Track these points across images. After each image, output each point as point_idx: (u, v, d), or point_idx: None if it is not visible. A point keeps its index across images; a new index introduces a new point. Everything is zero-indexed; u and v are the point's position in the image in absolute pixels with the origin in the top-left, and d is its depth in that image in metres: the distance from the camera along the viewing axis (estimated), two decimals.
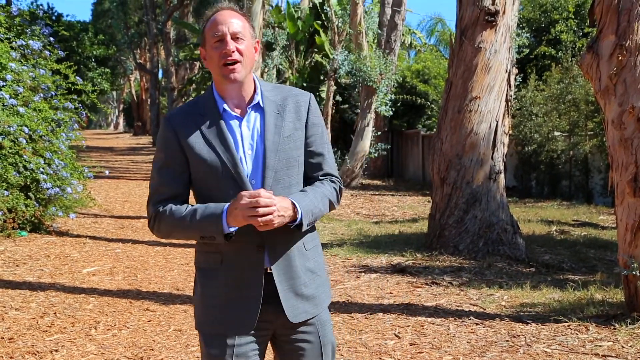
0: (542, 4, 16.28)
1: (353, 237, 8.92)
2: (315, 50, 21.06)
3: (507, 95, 7.82)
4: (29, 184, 7.91)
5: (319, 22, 20.53)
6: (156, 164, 2.17)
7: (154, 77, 34.83)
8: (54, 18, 25.89)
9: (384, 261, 7.25)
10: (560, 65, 14.45)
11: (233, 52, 2.07)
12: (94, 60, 28.44)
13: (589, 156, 13.65)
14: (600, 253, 7.80)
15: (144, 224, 9.54)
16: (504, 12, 7.62)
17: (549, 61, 15.22)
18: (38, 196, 8.06)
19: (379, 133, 16.73)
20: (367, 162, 16.52)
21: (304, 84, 20.52)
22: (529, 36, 14.26)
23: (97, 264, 6.92)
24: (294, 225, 2.07)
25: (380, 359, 4.18)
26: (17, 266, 6.63)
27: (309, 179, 2.21)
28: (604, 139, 9.10)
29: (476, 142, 7.58)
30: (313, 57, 21.04)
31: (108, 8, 39.87)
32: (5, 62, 8.31)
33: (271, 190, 2.04)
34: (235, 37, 2.08)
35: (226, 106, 2.14)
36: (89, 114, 10.92)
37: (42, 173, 7.96)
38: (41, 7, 17.80)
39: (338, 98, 20.24)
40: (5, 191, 7.45)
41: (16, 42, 9.03)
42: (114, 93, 57.21)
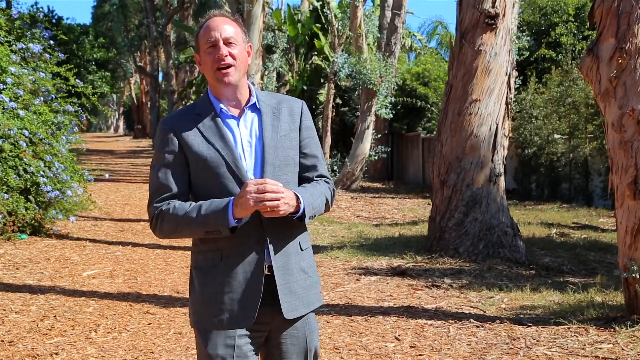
0: (542, 7, 16.28)
1: (353, 240, 8.92)
2: (315, 53, 21.09)
3: (507, 97, 7.82)
4: (29, 187, 7.90)
5: (319, 25, 20.56)
6: (155, 165, 2.19)
7: (154, 80, 34.87)
8: (54, 21, 25.94)
9: (384, 264, 7.25)
10: (560, 68, 14.44)
11: (226, 56, 2.13)
12: (94, 63, 28.49)
13: (589, 159, 13.65)
14: (600, 255, 7.80)
15: (144, 226, 9.54)
16: (504, 15, 7.63)
17: (549, 64, 15.21)
18: (38, 199, 8.06)
19: (379, 136, 16.73)
20: (367, 164, 16.52)
21: (304, 87, 20.55)
22: (529, 39, 14.24)
23: (97, 267, 6.92)
24: (296, 216, 2.11)
25: None
26: (17, 269, 6.63)
27: (304, 180, 2.26)
28: (603, 141, 9.10)
29: (476, 145, 7.58)
30: (313, 60, 21.07)
31: (108, 11, 39.95)
32: (6, 65, 8.31)
33: None
34: (228, 42, 2.14)
35: (223, 106, 2.19)
36: (89, 117, 10.93)
37: (42, 176, 7.96)
38: (41, 10, 17.76)
39: (338, 101, 20.27)
40: (6, 194, 7.45)
41: (16, 45, 9.04)
42: (114, 96, 57.21)
